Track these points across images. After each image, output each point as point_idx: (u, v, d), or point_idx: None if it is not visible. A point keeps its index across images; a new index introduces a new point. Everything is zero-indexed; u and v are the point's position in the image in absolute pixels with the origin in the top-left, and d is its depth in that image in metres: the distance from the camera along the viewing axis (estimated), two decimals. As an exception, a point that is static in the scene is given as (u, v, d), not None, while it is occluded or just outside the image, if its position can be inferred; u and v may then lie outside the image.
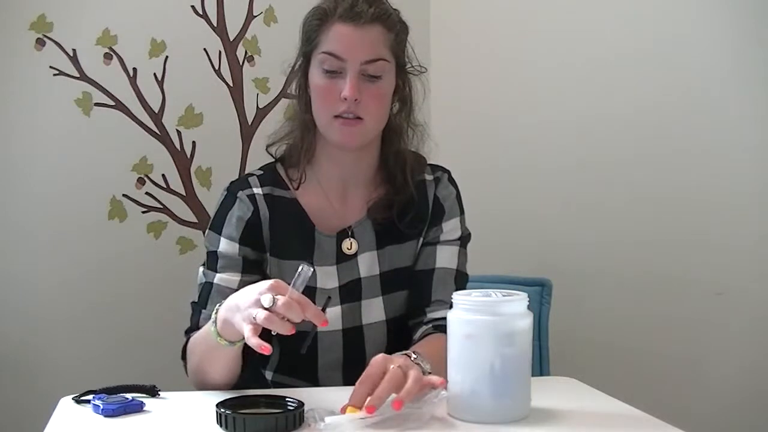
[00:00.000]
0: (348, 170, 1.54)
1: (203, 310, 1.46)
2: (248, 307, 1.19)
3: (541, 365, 1.91)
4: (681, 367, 2.20)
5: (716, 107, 2.12)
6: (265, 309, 1.16)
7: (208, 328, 1.31)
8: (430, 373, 1.28)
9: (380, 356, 1.23)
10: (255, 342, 1.16)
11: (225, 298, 1.43)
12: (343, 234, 1.53)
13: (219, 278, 1.47)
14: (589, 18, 2.36)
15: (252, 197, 1.51)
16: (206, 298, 1.47)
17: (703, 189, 2.15)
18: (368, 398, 1.17)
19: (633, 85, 2.27)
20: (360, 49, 1.44)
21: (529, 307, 1.24)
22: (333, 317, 1.48)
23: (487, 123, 2.59)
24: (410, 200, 1.55)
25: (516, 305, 1.22)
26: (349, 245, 1.52)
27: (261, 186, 1.53)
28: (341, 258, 1.52)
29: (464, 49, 2.62)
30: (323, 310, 1.21)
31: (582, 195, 2.38)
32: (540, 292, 1.92)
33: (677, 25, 2.18)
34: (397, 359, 1.23)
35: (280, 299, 1.17)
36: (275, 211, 1.51)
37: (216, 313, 1.29)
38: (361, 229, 1.53)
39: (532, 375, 1.25)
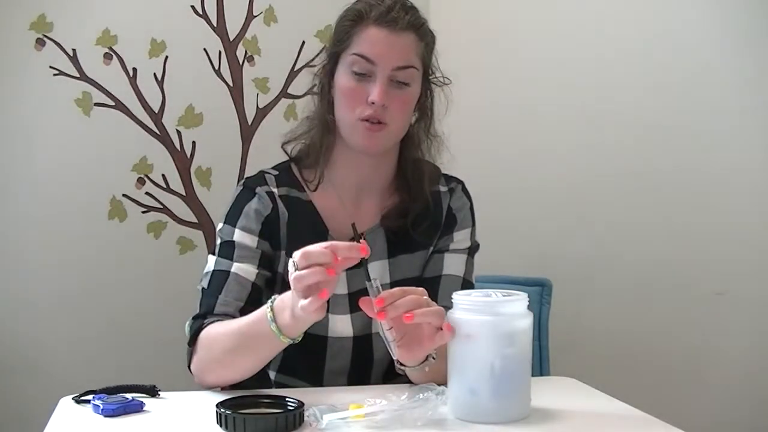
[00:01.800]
0: (364, 175, 1.53)
1: (220, 296, 1.43)
2: (292, 294, 1.20)
3: (541, 365, 1.91)
4: (681, 366, 2.20)
5: (716, 108, 2.12)
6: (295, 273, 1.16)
7: (258, 323, 1.28)
8: (434, 359, 1.29)
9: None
10: (317, 304, 1.15)
11: (242, 288, 1.42)
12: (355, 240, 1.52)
13: (237, 267, 1.44)
14: (590, 19, 2.37)
15: (271, 195, 1.50)
16: (221, 285, 1.44)
17: (703, 190, 2.16)
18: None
19: (633, 88, 2.27)
20: (392, 54, 1.43)
21: (529, 307, 1.24)
22: (344, 325, 1.48)
23: (487, 123, 2.59)
24: (426, 209, 1.54)
25: (516, 305, 1.22)
26: None
27: (278, 186, 1.51)
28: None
29: (464, 51, 2.61)
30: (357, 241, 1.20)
31: (582, 196, 2.39)
32: (540, 292, 1.92)
33: (679, 25, 2.19)
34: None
35: (297, 254, 1.16)
36: (292, 212, 1.50)
37: (272, 306, 1.26)
38: (373, 237, 1.52)
39: (532, 375, 1.25)
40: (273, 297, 1.29)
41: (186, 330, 1.44)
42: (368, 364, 1.51)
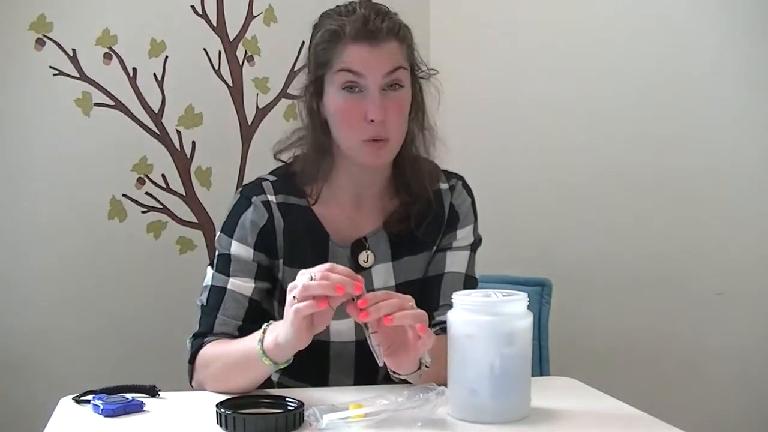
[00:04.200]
0: (364, 181, 1.52)
1: (218, 315, 1.44)
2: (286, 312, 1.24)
3: (541, 365, 1.91)
4: (681, 366, 2.20)
5: (717, 107, 2.12)
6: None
7: (249, 347, 1.31)
8: (427, 367, 1.30)
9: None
10: (312, 309, 1.20)
11: (240, 305, 1.44)
12: (357, 245, 1.51)
13: (232, 284, 1.45)
14: (590, 17, 2.36)
15: (267, 204, 1.49)
16: (219, 303, 1.45)
17: (703, 189, 2.15)
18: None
19: (634, 85, 2.27)
20: (379, 65, 1.40)
21: (529, 307, 1.24)
22: (346, 329, 1.48)
23: (486, 123, 2.59)
24: (428, 208, 1.53)
25: (516, 305, 1.22)
26: (365, 258, 1.51)
27: (275, 193, 1.50)
28: (355, 269, 1.50)
29: (464, 50, 2.62)
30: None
31: (582, 195, 2.38)
32: (540, 292, 1.92)
33: (681, 22, 2.18)
34: None
35: (317, 273, 1.21)
36: (289, 220, 1.49)
37: (265, 329, 1.30)
38: (375, 240, 1.52)
39: (532, 375, 1.25)
40: (270, 321, 1.32)
41: (187, 347, 1.46)
42: (374, 368, 1.50)
